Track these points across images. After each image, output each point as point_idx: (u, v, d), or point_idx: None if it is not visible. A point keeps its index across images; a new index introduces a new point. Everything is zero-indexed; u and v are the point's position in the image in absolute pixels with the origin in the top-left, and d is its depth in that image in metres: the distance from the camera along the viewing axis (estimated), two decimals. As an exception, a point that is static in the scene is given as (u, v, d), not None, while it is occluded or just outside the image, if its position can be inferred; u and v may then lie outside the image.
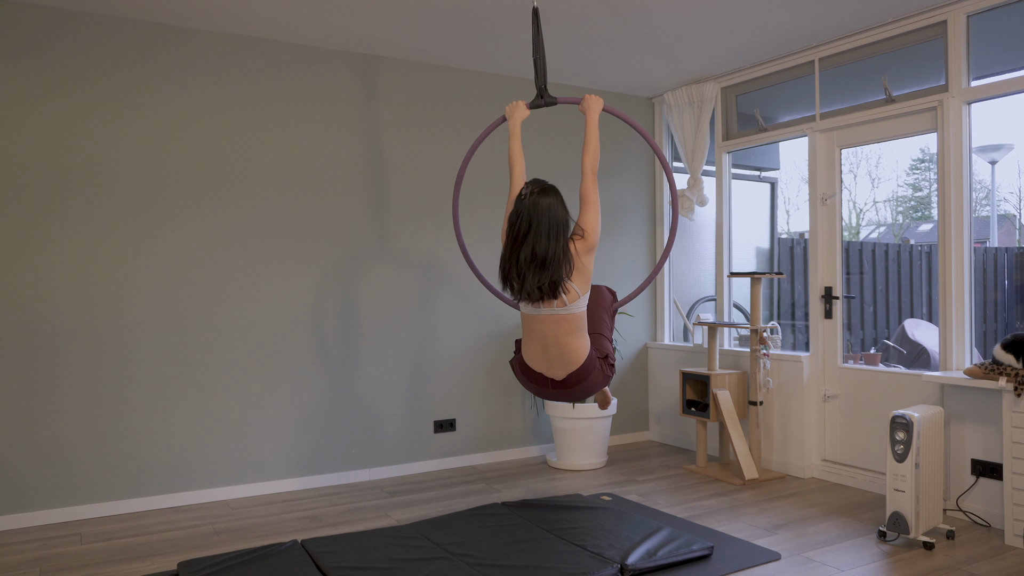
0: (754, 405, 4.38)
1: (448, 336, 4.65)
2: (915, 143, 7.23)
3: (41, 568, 3.08)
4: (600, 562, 2.93)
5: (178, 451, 3.92)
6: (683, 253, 5.55)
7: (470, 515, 3.56)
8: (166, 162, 3.90)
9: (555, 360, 2.85)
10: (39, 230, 3.64)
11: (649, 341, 5.46)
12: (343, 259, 4.34)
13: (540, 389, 2.98)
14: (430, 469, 4.59)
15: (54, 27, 3.66)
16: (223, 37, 4.03)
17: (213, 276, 4.00)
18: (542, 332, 2.82)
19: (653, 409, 5.45)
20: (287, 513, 3.78)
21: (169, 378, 3.90)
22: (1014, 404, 3.19)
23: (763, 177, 5.73)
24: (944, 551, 3.16)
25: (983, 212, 6.38)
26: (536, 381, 2.95)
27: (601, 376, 2.94)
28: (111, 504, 3.77)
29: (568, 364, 2.84)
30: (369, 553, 3.06)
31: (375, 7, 3.69)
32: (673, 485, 4.23)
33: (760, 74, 4.68)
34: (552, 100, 3.19)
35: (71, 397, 3.69)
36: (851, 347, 4.99)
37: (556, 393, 2.96)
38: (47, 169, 3.65)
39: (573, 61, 4.58)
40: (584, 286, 2.77)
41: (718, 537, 3.31)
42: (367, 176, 4.42)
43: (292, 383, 4.19)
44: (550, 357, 2.85)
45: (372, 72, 4.43)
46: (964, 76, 3.68)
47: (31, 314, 3.62)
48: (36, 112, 3.63)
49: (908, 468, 3.20)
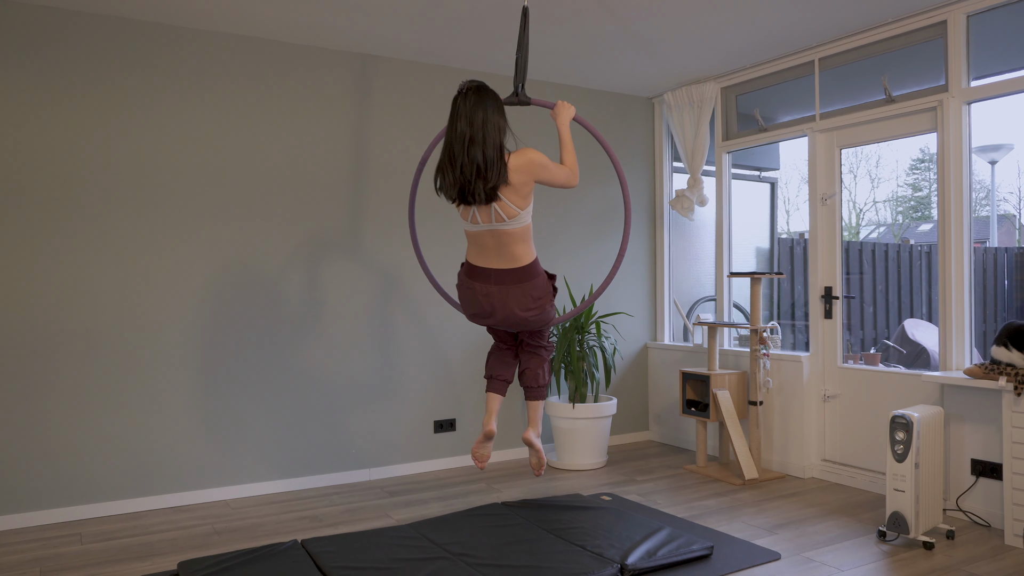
0: (754, 405, 4.38)
1: (448, 336, 4.65)
2: (915, 143, 7.23)
3: (41, 568, 3.08)
4: (600, 562, 2.93)
5: (178, 451, 3.92)
6: (683, 253, 5.55)
7: (470, 515, 3.56)
8: (166, 162, 3.90)
9: (500, 258, 2.85)
10: (39, 231, 3.64)
11: (649, 341, 5.46)
12: (343, 259, 4.34)
13: (483, 289, 2.87)
14: (430, 469, 4.60)
15: (53, 27, 3.66)
16: (222, 37, 4.03)
17: (213, 276, 4.00)
18: (484, 242, 2.85)
19: (653, 409, 5.45)
20: (287, 513, 3.78)
21: (169, 378, 3.90)
22: (1014, 404, 3.19)
23: (763, 177, 5.73)
24: (944, 551, 3.16)
25: (983, 212, 6.37)
26: (479, 278, 2.88)
27: (545, 286, 2.90)
28: (111, 504, 3.77)
29: (513, 261, 2.85)
30: (369, 553, 3.06)
31: (372, 6, 3.69)
32: (673, 485, 4.23)
33: (760, 74, 4.68)
34: (526, 100, 3.14)
35: (71, 397, 3.69)
36: (851, 347, 4.99)
37: (498, 292, 2.85)
38: (46, 169, 3.65)
39: (573, 61, 4.58)
40: (520, 203, 2.77)
41: (718, 537, 3.31)
42: (369, 176, 4.42)
43: (292, 383, 4.19)
44: (497, 256, 2.85)
45: (371, 72, 4.43)
46: (964, 76, 3.68)
47: (31, 314, 3.62)
48: (35, 112, 3.63)
49: (908, 468, 3.20)
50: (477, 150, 2.66)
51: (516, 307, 2.88)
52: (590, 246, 5.18)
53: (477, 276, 2.91)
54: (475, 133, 2.67)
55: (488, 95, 2.75)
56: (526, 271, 2.87)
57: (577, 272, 5.11)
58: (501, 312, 2.89)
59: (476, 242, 2.89)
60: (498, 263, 2.87)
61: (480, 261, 2.90)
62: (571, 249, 5.10)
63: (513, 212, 2.77)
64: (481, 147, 2.66)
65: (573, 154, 2.96)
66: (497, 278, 2.87)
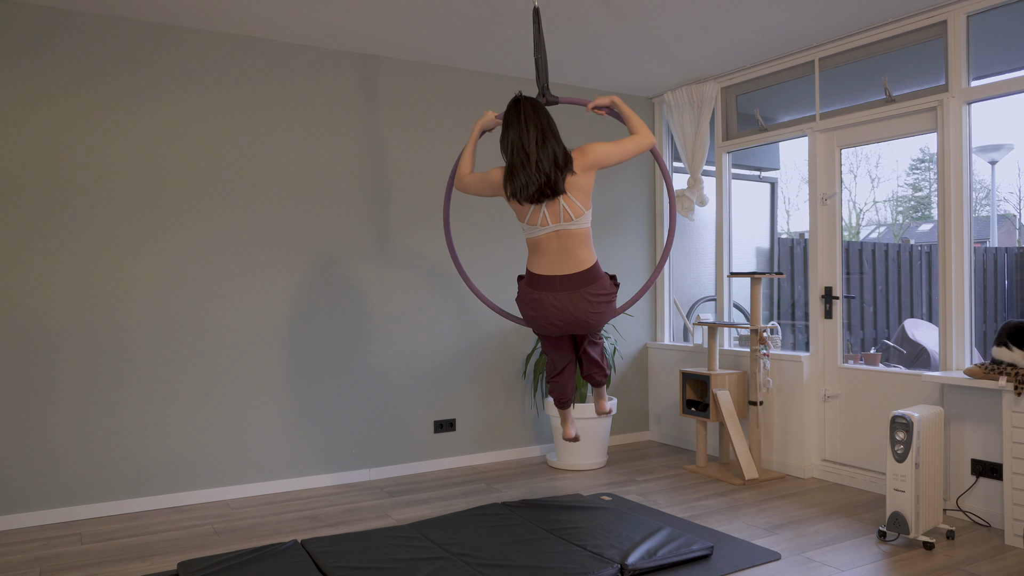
0: (754, 405, 4.38)
1: (449, 336, 4.65)
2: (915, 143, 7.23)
3: (41, 568, 3.08)
4: (600, 562, 2.93)
5: (178, 451, 3.92)
6: (683, 253, 5.55)
7: (470, 515, 3.56)
8: (166, 162, 3.90)
9: (564, 262, 2.93)
10: (38, 231, 3.64)
11: (649, 341, 5.46)
12: (344, 259, 4.34)
13: (550, 298, 2.94)
14: (430, 469, 4.60)
15: (53, 27, 3.66)
16: (222, 37, 4.03)
17: (213, 276, 4.00)
18: (548, 246, 2.94)
19: (653, 409, 5.45)
20: (287, 513, 3.78)
21: (169, 378, 3.90)
22: (1014, 404, 3.19)
23: (763, 177, 5.72)
24: (944, 551, 3.16)
25: (983, 212, 6.38)
26: (545, 287, 2.95)
27: (608, 286, 2.99)
28: (111, 504, 3.77)
29: (576, 265, 2.93)
30: (369, 553, 3.06)
31: (376, 7, 3.69)
32: (673, 485, 4.23)
33: (760, 74, 4.68)
34: (554, 99, 3.20)
35: (71, 397, 3.69)
36: (851, 347, 5.00)
37: (566, 297, 2.92)
38: (46, 169, 3.65)
39: (573, 61, 4.58)
40: (585, 201, 2.91)
41: (718, 537, 3.31)
42: (368, 176, 4.42)
43: (292, 383, 4.19)
44: (560, 260, 2.94)
45: (373, 72, 4.43)
46: (964, 76, 3.68)
47: (31, 314, 3.62)
48: (34, 112, 3.63)
49: (908, 468, 3.20)
50: (552, 144, 2.84)
51: (585, 310, 2.95)
52: (596, 244, 5.16)
53: (542, 286, 2.96)
54: (546, 131, 2.86)
55: (539, 104, 2.95)
56: (590, 273, 2.94)
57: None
58: (571, 317, 2.96)
59: (539, 248, 2.96)
60: (562, 268, 2.93)
61: (544, 269, 2.96)
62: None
63: (580, 211, 2.89)
64: (553, 143, 2.84)
65: (636, 116, 3.07)
66: (562, 284, 2.93)
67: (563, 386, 3.36)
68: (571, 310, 2.94)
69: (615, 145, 2.97)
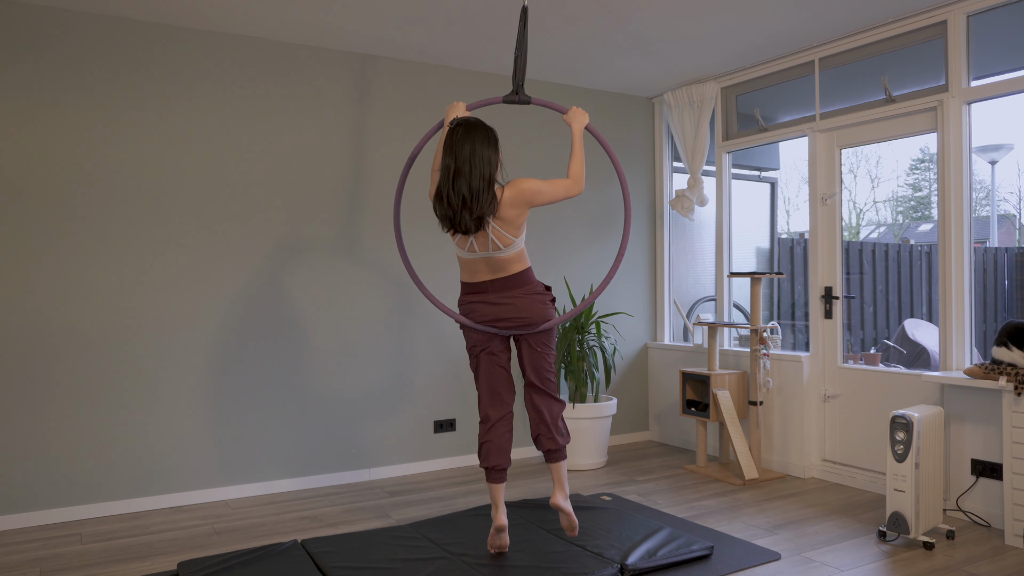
0: (754, 405, 4.38)
1: (448, 336, 4.65)
2: (915, 143, 7.23)
3: (41, 568, 3.08)
4: (600, 562, 2.93)
5: (178, 451, 3.92)
6: (683, 253, 5.55)
7: (470, 515, 3.56)
8: (166, 162, 3.90)
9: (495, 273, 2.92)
10: (38, 232, 3.63)
11: (649, 341, 5.46)
12: (344, 259, 4.34)
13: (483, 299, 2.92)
14: (430, 469, 4.59)
15: (53, 27, 3.66)
16: (222, 37, 4.03)
17: (213, 277, 4.00)
18: (477, 267, 2.93)
19: (653, 409, 5.45)
20: (287, 513, 3.78)
21: (169, 378, 3.89)
22: (1014, 404, 3.19)
23: (763, 177, 5.73)
24: (944, 551, 3.16)
25: (983, 212, 6.38)
26: (477, 291, 2.94)
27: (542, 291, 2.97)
28: (111, 504, 3.77)
29: (507, 271, 2.91)
30: (369, 553, 3.06)
31: (375, 7, 3.69)
32: (673, 485, 4.23)
33: (760, 74, 4.68)
34: (526, 99, 3.15)
35: (71, 397, 3.69)
36: (851, 347, 5.00)
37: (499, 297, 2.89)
38: (46, 170, 3.65)
39: (573, 61, 4.58)
40: (515, 232, 2.85)
41: (718, 537, 3.31)
42: (368, 176, 4.42)
43: (292, 383, 4.19)
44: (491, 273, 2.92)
45: (371, 72, 4.43)
46: (964, 76, 3.68)
47: (31, 315, 3.61)
48: (34, 112, 3.63)
49: (908, 468, 3.20)
50: (463, 182, 2.73)
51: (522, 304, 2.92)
52: (590, 246, 5.18)
53: (474, 291, 2.97)
54: (461, 165, 2.74)
55: (477, 129, 2.80)
56: (521, 276, 2.94)
57: (577, 272, 5.11)
58: (507, 311, 2.92)
59: (469, 267, 2.96)
60: (495, 274, 2.93)
61: (474, 278, 2.96)
62: (571, 249, 5.10)
63: (508, 241, 2.85)
64: (467, 179, 2.73)
65: (581, 162, 2.98)
66: (493, 287, 2.93)
67: (497, 446, 3.01)
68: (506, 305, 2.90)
69: (549, 185, 2.88)
